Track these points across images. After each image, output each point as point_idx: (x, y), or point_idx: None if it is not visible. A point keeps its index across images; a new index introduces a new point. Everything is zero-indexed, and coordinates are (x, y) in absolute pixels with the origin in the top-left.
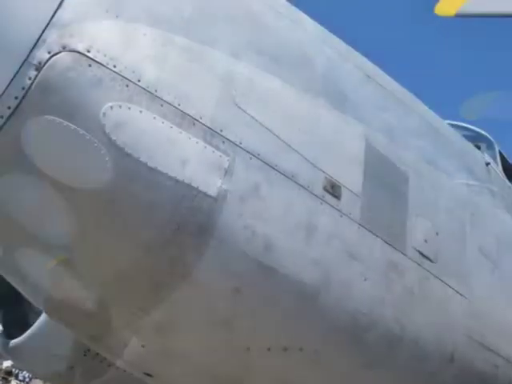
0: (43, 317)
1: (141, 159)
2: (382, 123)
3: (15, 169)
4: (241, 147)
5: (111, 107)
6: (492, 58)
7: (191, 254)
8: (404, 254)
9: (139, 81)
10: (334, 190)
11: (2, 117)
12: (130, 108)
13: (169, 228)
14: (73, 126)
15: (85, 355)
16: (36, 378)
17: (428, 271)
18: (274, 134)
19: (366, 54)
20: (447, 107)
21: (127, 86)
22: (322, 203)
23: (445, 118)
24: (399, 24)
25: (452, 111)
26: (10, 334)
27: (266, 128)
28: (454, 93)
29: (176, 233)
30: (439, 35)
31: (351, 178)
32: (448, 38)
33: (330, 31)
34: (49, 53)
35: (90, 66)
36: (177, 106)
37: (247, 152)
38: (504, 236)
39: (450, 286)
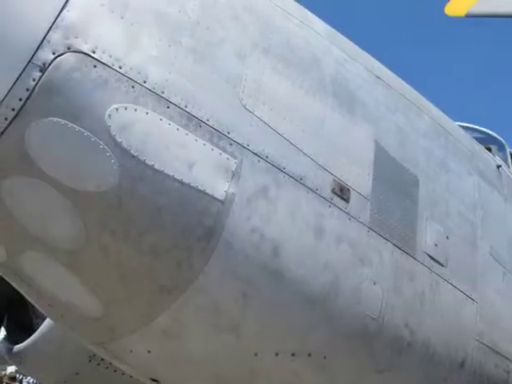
0: (47, 322)
1: (147, 161)
2: (392, 125)
3: (19, 171)
4: (248, 149)
5: (117, 109)
6: (503, 57)
7: (198, 257)
8: (414, 258)
9: (145, 82)
10: (342, 192)
11: (6, 119)
12: (136, 109)
13: (175, 231)
14: (78, 128)
15: (90, 361)
16: (40, 383)
17: (438, 275)
18: (282, 136)
19: (376, 55)
20: (457, 108)
21: (133, 87)
22: (330, 206)
23: (455, 119)
24: (409, 24)
25: (462, 112)
26: (14, 339)
27: (274, 130)
28: (463, 93)
29: (182, 236)
30: (449, 35)
31: (360, 181)
32: (458, 39)
33: (339, 31)
34: (53, 53)
35: (95, 66)
36: (183, 107)
37: (255, 154)
38: None
39: (460, 291)
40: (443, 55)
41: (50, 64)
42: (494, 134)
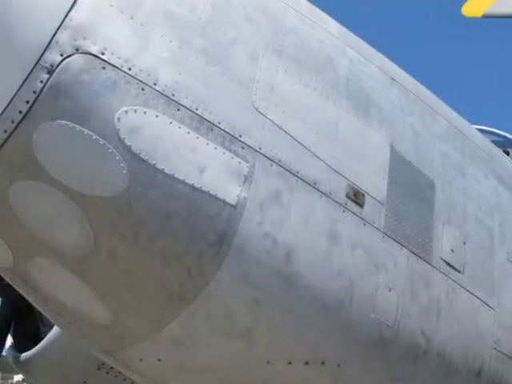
0: (55, 329)
1: (157, 165)
2: (408, 128)
3: (27, 176)
4: (261, 153)
5: (126, 111)
6: None
7: (209, 263)
8: (430, 264)
9: (155, 84)
10: (357, 197)
11: (12, 122)
12: (145, 112)
13: (186, 237)
14: (86, 131)
15: (99, 369)
16: None
17: (455, 282)
18: (295, 139)
19: (391, 56)
20: (474, 110)
21: (143, 89)
22: (344, 211)
23: (472, 122)
24: (425, 25)
25: (479, 115)
26: (21, 347)
27: (287, 133)
28: (480, 96)
29: (193, 242)
30: (466, 36)
31: (375, 185)
32: (475, 39)
33: (353, 32)
34: (61, 55)
35: (104, 68)
36: (194, 110)
37: (267, 158)
38: None
39: (477, 298)
40: (460, 56)
41: (57, 66)
42: None
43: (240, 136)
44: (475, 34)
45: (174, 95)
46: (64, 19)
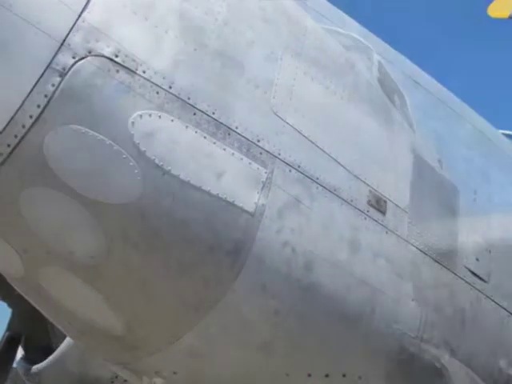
0: (67, 341)
1: (172, 171)
2: (431, 133)
3: (38, 182)
4: (279, 158)
5: (140, 116)
6: None
7: (226, 273)
8: (454, 273)
9: (170, 88)
10: (379, 204)
11: (23, 126)
12: (160, 116)
13: (202, 245)
14: (99, 136)
15: (112, 382)
16: None
17: (480, 291)
18: (315, 145)
19: (413, 58)
20: (501, 114)
21: (157, 93)
22: (366, 218)
23: (498, 127)
24: (449, 26)
25: (506, 118)
26: (33, 358)
27: (307, 138)
28: (507, 99)
29: (210, 251)
30: (492, 38)
31: (398, 192)
32: (501, 41)
33: (375, 34)
34: (73, 58)
35: (117, 71)
36: (211, 114)
37: (286, 164)
38: None
39: (503, 308)
40: (485, 58)
41: (69, 69)
42: None
43: (258, 141)
44: (501, 35)
45: (189, 99)
46: (76, 20)
